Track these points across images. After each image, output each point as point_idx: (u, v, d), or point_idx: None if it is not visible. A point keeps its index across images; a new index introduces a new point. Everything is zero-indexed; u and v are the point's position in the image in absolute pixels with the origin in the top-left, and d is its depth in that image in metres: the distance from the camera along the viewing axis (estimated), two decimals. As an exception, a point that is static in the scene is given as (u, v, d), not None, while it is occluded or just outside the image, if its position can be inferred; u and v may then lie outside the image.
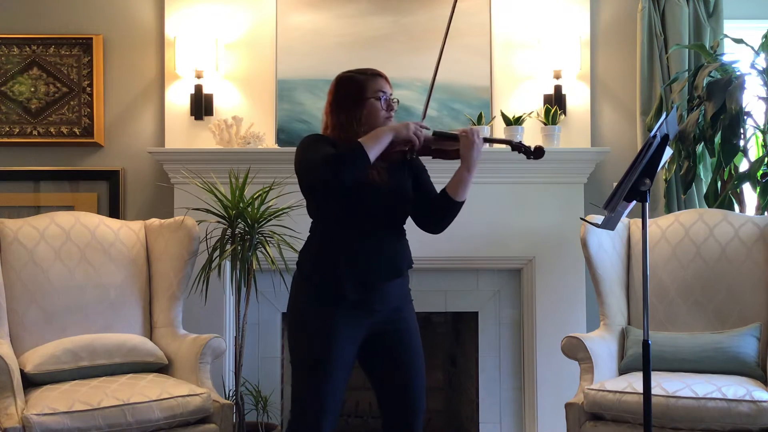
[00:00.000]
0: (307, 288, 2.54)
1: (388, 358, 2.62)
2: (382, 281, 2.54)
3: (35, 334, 3.27)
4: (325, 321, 2.49)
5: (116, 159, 4.22)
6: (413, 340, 2.65)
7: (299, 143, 2.56)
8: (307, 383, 2.51)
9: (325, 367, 2.47)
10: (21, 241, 3.38)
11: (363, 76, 2.57)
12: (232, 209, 3.51)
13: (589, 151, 4.07)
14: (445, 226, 2.70)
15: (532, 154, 2.60)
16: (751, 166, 3.71)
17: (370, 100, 2.54)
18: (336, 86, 2.59)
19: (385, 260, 2.54)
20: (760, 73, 3.77)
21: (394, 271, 2.57)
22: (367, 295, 2.52)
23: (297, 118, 4.11)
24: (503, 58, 4.19)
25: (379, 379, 2.65)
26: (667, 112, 2.58)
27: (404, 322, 2.63)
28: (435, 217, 2.68)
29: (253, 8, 4.17)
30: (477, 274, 4.14)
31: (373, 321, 2.55)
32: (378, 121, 2.54)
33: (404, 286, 2.65)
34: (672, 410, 2.95)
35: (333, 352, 2.48)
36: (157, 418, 2.97)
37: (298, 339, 2.56)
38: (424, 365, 2.67)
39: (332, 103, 2.58)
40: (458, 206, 2.63)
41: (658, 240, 3.60)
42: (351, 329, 2.51)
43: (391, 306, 2.59)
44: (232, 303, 3.82)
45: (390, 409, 2.64)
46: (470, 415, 4.25)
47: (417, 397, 2.61)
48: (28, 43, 4.19)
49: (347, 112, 2.54)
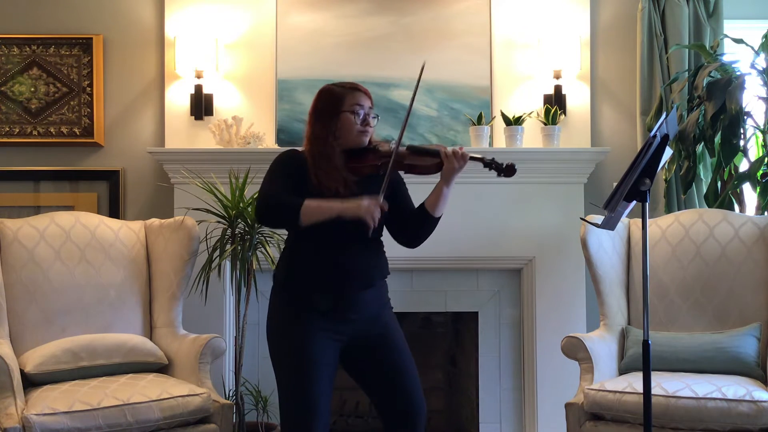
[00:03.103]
0: (282, 297, 2.58)
1: (376, 365, 2.61)
2: (352, 292, 2.55)
3: (35, 334, 3.27)
4: (302, 326, 2.51)
5: (116, 159, 4.22)
6: (397, 341, 2.64)
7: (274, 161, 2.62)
8: (292, 388, 2.51)
9: (308, 370, 2.48)
10: (21, 241, 3.38)
11: (341, 89, 2.59)
12: (232, 209, 3.51)
13: (589, 151, 4.07)
14: (421, 241, 2.68)
15: (503, 171, 2.51)
16: (751, 166, 3.71)
17: (345, 114, 2.55)
18: (317, 97, 2.63)
19: (356, 272, 2.55)
20: (760, 73, 3.76)
21: (365, 283, 2.57)
22: (338, 306, 2.53)
23: (297, 118, 4.11)
24: (503, 58, 4.19)
25: (372, 387, 2.65)
26: (667, 112, 2.58)
27: (385, 326, 2.63)
28: (412, 231, 2.67)
29: (253, 8, 4.17)
30: (477, 274, 4.14)
31: (353, 329, 2.56)
32: (351, 135, 2.56)
33: (380, 294, 2.65)
34: (672, 410, 2.95)
35: (313, 354, 2.49)
36: (157, 418, 2.97)
37: (278, 346, 2.58)
38: (414, 364, 2.65)
39: (312, 113, 2.62)
40: (436, 222, 2.62)
41: (658, 240, 3.60)
42: (328, 332, 2.53)
43: (369, 314, 2.58)
44: (232, 303, 3.83)
45: (390, 416, 2.63)
46: (470, 415, 4.25)
47: (414, 397, 2.60)
48: (28, 43, 4.19)
49: (323, 124, 2.56)
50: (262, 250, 3.52)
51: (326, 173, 2.52)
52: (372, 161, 2.54)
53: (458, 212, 3.87)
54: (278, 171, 2.57)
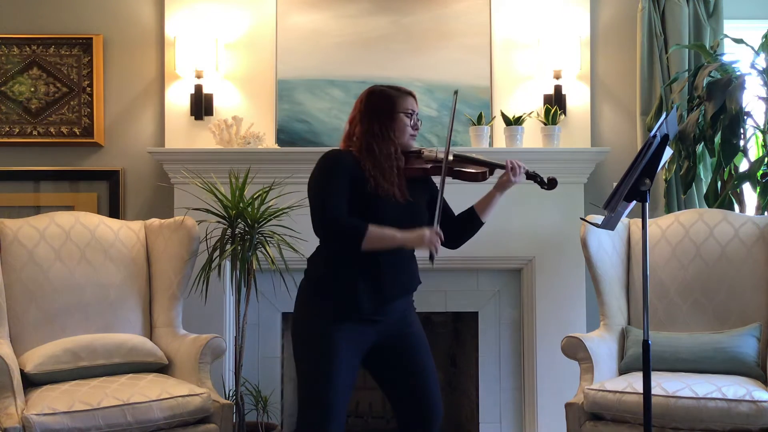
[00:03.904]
0: (318, 301, 2.55)
1: (400, 366, 2.63)
2: (397, 297, 2.58)
3: (35, 334, 3.27)
4: (332, 332, 2.50)
5: (116, 159, 4.22)
6: (422, 343, 2.67)
7: (319, 161, 2.57)
8: (313, 393, 2.51)
9: (331, 377, 2.48)
10: (21, 241, 3.38)
11: (396, 92, 2.63)
12: (232, 209, 3.51)
13: (589, 151, 4.07)
14: (463, 242, 2.77)
15: (546, 185, 2.72)
16: (751, 166, 3.71)
17: (400, 115, 2.59)
18: (368, 98, 2.62)
19: (402, 277, 2.59)
20: (760, 73, 3.77)
21: (409, 288, 2.64)
22: (377, 309, 2.54)
23: (297, 118, 4.11)
24: (503, 58, 4.19)
25: (394, 386, 2.66)
26: (667, 112, 2.58)
27: (410, 326, 2.66)
28: (456, 233, 2.73)
29: (253, 8, 4.17)
30: (477, 274, 4.14)
31: (378, 330, 2.57)
32: (404, 137, 2.60)
33: (410, 296, 2.71)
34: (672, 410, 2.95)
35: (338, 363, 2.49)
36: (157, 418, 2.97)
37: (304, 348, 2.57)
38: (434, 368, 2.68)
39: (362, 112, 2.60)
40: (480, 225, 2.73)
41: (658, 240, 3.60)
42: (355, 339, 2.53)
43: (396, 315, 2.61)
44: (232, 303, 3.82)
45: (407, 415, 2.64)
46: (470, 415, 4.25)
47: (433, 400, 2.63)
48: (28, 43, 4.19)
49: (381, 124, 2.57)
50: (262, 250, 3.52)
51: (385, 174, 2.52)
52: (420, 164, 2.60)
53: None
54: (334, 174, 2.52)
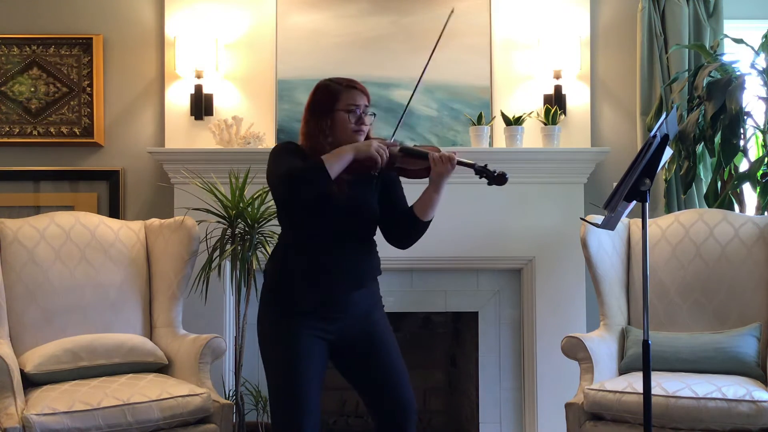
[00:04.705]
0: (269, 297, 2.56)
1: (364, 363, 2.60)
2: (341, 293, 2.53)
3: (35, 334, 3.27)
4: (289, 326, 2.50)
5: (116, 159, 4.22)
6: (386, 340, 2.61)
7: (271, 150, 2.57)
8: (281, 387, 2.50)
9: (296, 368, 2.47)
10: (21, 241, 3.38)
11: (338, 87, 2.54)
12: (232, 209, 3.51)
13: (589, 151, 4.07)
14: (411, 243, 2.66)
15: (495, 180, 2.45)
16: (751, 166, 3.71)
17: (339, 112, 2.51)
18: (312, 93, 2.59)
19: (346, 274, 2.53)
20: (760, 73, 3.77)
21: (355, 284, 2.55)
22: (326, 305, 2.52)
23: (297, 118, 4.09)
24: (503, 58, 4.19)
25: (361, 386, 2.63)
26: (667, 112, 2.58)
27: (375, 324, 2.61)
28: (401, 233, 2.64)
29: (253, 8, 4.17)
30: (477, 274, 4.14)
31: (341, 327, 2.54)
32: (345, 135, 2.51)
33: (371, 293, 2.63)
34: (672, 410, 2.95)
35: (300, 353, 2.47)
36: (157, 418, 2.97)
37: (267, 346, 2.57)
38: (403, 363, 2.63)
39: (307, 109, 2.58)
40: (425, 226, 2.59)
41: (658, 240, 3.60)
42: (315, 331, 2.51)
43: (357, 313, 2.56)
44: (232, 303, 3.82)
45: (379, 414, 2.61)
46: (470, 415, 4.25)
47: (402, 394, 2.57)
48: (28, 43, 4.19)
49: (315, 122, 2.53)
50: (262, 250, 3.52)
51: None
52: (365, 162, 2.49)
53: (458, 212, 3.88)
54: (285, 153, 2.52)
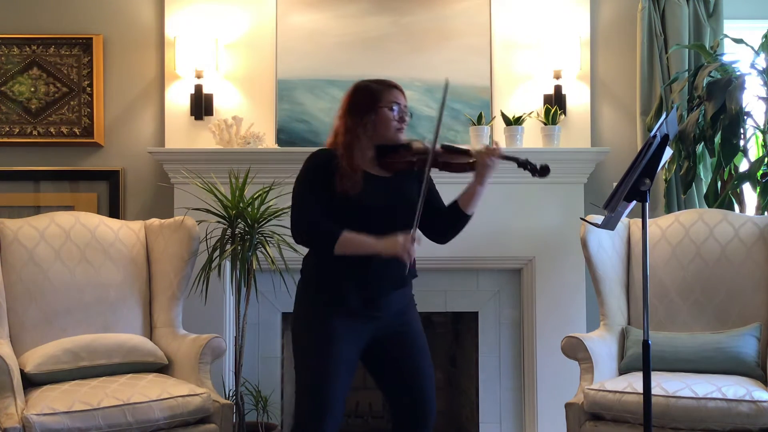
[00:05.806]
0: (310, 295, 2.59)
1: (395, 362, 2.63)
2: (383, 292, 2.57)
3: (35, 334, 3.27)
4: (326, 324, 2.52)
5: (116, 159, 4.22)
6: (418, 342, 2.66)
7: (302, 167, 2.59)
8: (309, 384, 2.52)
9: (327, 368, 2.49)
10: (21, 241, 3.38)
11: (379, 86, 2.61)
12: (232, 209, 3.51)
13: (589, 151, 4.07)
14: (452, 237, 2.72)
15: (538, 172, 2.54)
16: (751, 166, 3.71)
17: (383, 109, 2.57)
18: (352, 93, 2.63)
19: (391, 273, 2.56)
20: (760, 73, 3.77)
21: (398, 284, 2.60)
22: (368, 304, 2.55)
23: (297, 118, 4.11)
24: (503, 58, 4.19)
25: (388, 384, 2.67)
26: (667, 112, 2.58)
27: (408, 325, 2.66)
28: (443, 228, 2.70)
29: (253, 8, 4.17)
30: (477, 274, 4.14)
31: (376, 326, 2.58)
32: (389, 131, 2.57)
33: (407, 292, 2.68)
34: (672, 410, 2.95)
35: (334, 354, 2.50)
36: (157, 418, 2.97)
37: (301, 342, 2.59)
38: (432, 367, 2.68)
39: (345, 108, 2.61)
40: (467, 219, 2.66)
41: (658, 240, 3.59)
42: (352, 332, 2.54)
43: (393, 311, 2.61)
44: (232, 303, 3.82)
45: (401, 413, 2.65)
46: (470, 415, 4.25)
47: (427, 399, 2.63)
48: (28, 43, 4.19)
49: (356, 118, 2.57)
50: (262, 250, 3.52)
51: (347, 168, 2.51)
52: (407, 158, 2.57)
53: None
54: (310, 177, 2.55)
